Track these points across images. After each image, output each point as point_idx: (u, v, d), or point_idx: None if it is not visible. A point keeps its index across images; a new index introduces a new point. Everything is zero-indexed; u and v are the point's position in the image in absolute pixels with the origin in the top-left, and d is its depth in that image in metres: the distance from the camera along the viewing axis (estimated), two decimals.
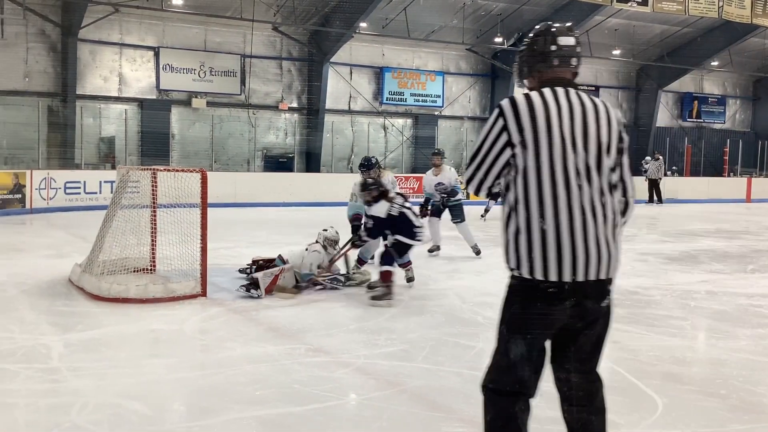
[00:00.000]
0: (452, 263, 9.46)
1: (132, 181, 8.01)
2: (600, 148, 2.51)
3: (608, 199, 2.52)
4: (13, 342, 5.11)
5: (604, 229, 2.50)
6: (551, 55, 2.63)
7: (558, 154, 2.46)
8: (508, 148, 2.51)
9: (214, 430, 3.62)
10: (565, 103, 2.51)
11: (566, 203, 2.45)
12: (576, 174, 2.46)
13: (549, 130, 2.46)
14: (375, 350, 5.16)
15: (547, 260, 2.46)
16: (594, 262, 2.47)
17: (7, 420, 3.64)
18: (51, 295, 6.84)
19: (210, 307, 6.45)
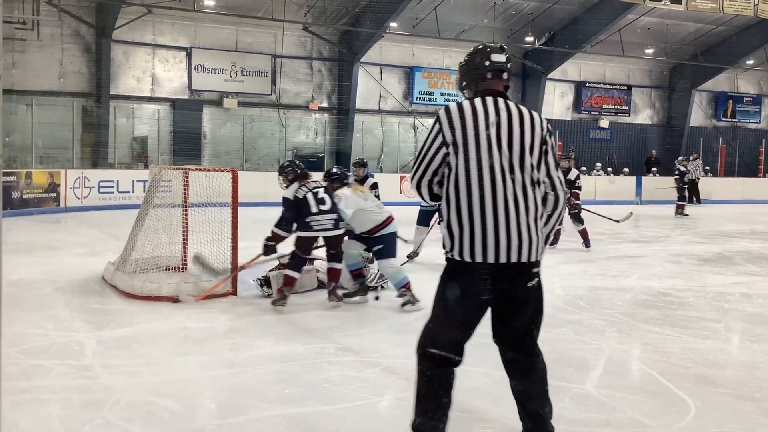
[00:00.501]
0: None
1: (164, 180, 8.11)
2: (523, 149, 2.93)
3: (530, 193, 2.93)
4: (48, 339, 5.20)
5: (525, 217, 2.90)
6: (485, 69, 3.10)
7: (484, 153, 2.89)
8: (443, 148, 2.95)
9: (244, 427, 3.64)
10: (492, 110, 2.96)
11: (491, 195, 2.87)
12: (500, 170, 2.88)
13: (476, 133, 2.90)
14: (404, 350, 5.15)
15: (474, 245, 2.87)
16: (515, 247, 2.88)
17: (41, 415, 3.70)
18: (85, 292, 6.95)
19: (240, 306, 6.50)
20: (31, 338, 5.10)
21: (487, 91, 3.06)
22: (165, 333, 5.59)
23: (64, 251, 9.84)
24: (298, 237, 6.43)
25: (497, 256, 2.87)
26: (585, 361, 4.95)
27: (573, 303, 6.90)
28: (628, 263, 9.68)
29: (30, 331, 5.26)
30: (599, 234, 12.38)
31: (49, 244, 10.51)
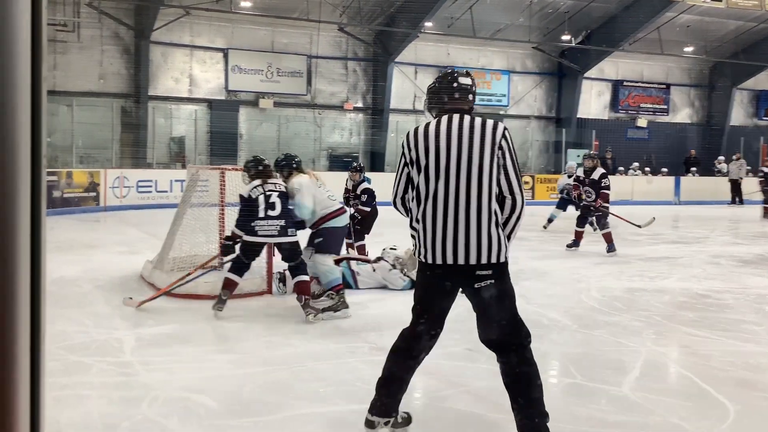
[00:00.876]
0: (516, 263, 9.34)
1: (201, 180, 8.21)
2: (471, 157, 3.13)
3: (483, 199, 3.12)
4: (88, 335, 5.30)
5: (475, 223, 3.10)
6: (454, 90, 3.35)
7: (435, 164, 3.16)
8: (405, 167, 3.31)
9: (279, 425, 3.68)
10: (445, 126, 3.20)
11: (443, 204, 3.13)
12: (447, 181, 3.13)
13: (428, 147, 3.19)
14: (438, 350, 5.12)
15: (427, 248, 3.17)
16: (462, 250, 3.10)
17: (81, 411, 3.77)
18: (124, 290, 7.06)
19: (275, 304, 6.55)
20: (72, 335, 5.20)
21: (453, 110, 3.28)
22: (201, 331, 5.66)
23: (104, 250, 10.02)
24: (243, 241, 6.07)
25: (444, 258, 3.14)
26: (622, 363, 4.89)
27: (609, 304, 6.82)
28: (666, 264, 9.54)
29: (71, 329, 5.37)
30: (637, 235, 12.22)
31: (89, 243, 10.70)
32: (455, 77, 3.41)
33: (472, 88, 3.43)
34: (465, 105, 3.35)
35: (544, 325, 5.95)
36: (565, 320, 6.15)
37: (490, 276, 3.15)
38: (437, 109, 3.36)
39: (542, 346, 5.26)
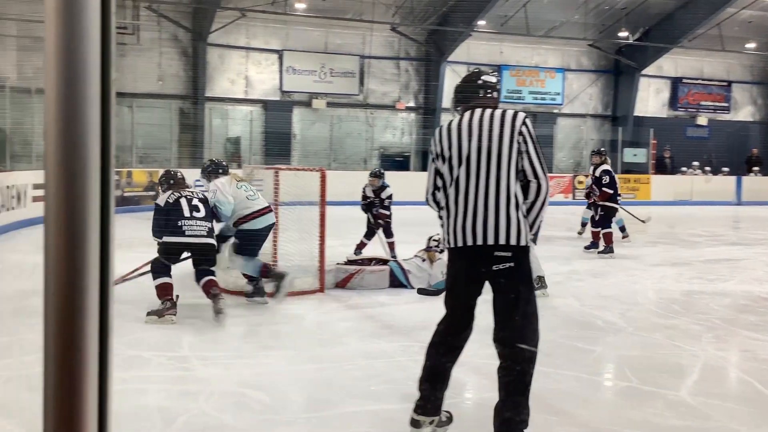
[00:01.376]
0: (569, 264, 9.24)
1: (256, 179, 8.33)
2: (491, 143, 3.23)
3: (504, 184, 3.20)
4: (147, 331, 5.44)
5: (494, 205, 3.18)
6: (479, 87, 3.50)
7: (461, 155, 3.29)
8: (434, 162, 3.43)
9: (331, 421, 3.71)
10: (467, 119, 3.35)
11: (464, 188, 3.25)
12: (469, 170, 3.25)
13: (451, 140, 3.34)
14: (490, 350, 5.10)
15: (450, 233, 3.29)
16: (480, 231, 3.18)
17: (140, 404, 3.87)
18: (181, 287, 7.20)
19: (327, 303, 6.61)
20: (132, 330, 5.35)
21: (478, 106, 3.41)
22: (256, 327, 5.75)
23: None
24: (166, 243, 6.09)
25: (464, 240, 3.22)
26: (680, 367, 4.79)
27: (667, 307, 6.68)
28: (726, 266, 9.29)
29: (131, 324, 5.52)
30: (696, 236, 11.92)
31: (148, 241, 10.94)
32: (480, 75, 3.57)
33: (497, 85, 3.59)
34: (489, 102, 3.46)
35: (599, 327, 5.86)
36: (620, 323, 6.05)
37: (509, 258, 3.17)
38: (463, 107, 3.49)
39: (597, 348, 5.20)
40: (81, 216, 0.68)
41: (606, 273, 8.61)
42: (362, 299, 6.76)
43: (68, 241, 0.69)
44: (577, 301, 6.86)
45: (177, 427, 3.57)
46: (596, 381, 4.65)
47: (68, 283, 0.69)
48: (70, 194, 0.68)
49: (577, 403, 4.03)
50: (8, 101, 13.08)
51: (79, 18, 0.67)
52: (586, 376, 4.53)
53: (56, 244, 0.68)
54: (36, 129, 14.99)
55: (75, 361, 0.71)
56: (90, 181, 0.68)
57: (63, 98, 0.67)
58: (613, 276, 8.45)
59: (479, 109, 3.38)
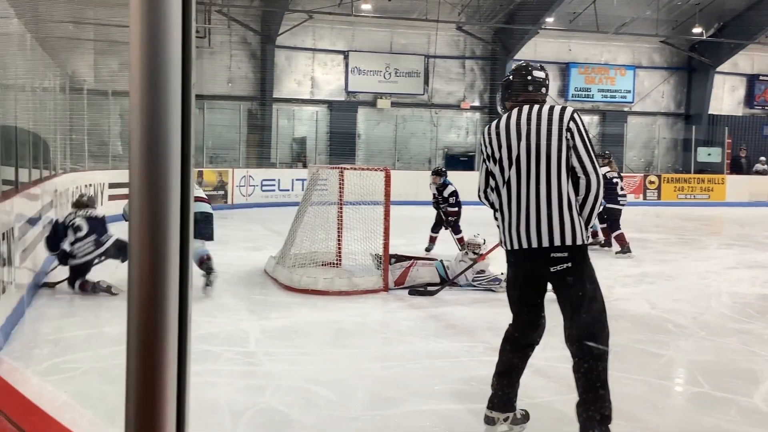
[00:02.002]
0: (640, 266, 9.03)
1: (321, 179, 8.45)
2: (540, 141, 3.19)
3: (555, 183, 3.16)
4: (216, 326, 5.58)
5: (546, 205, 3.15)
6: (528, 83, 3.45)
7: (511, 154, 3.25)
8: (484, 162, 3.42)
9: (395, 420, 3.74)
10: (515, 116, 3.30)
11: (515, 190, 3.22)
12: (519, 169, 3.22)
13: (500, 138, 3.30)
14: (555, 353, 5.05)
15: (506, 236, 3.28)
16: (534, 233, 3.16)
17: (209, 397, 3.98)
18: (249, 284, 7.39)
19: (391, 302, 6.65)
20: (202, 325, 5.49)
21: (526, 101, 3.39)
22: (321, 325, 5.83)
23: (231, 245, 10.48)
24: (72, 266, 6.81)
25: (520, 243, 3.21)
26: (753, 373, 4.63)
27: (742, 311, 6.46)
28: None
29: (201, 319, 5.67)
30: None
31: (217, 239, 11.21)
32: (529, 71, 3.49)
33: (546, 81, 3.52)
34: (537, 97, 3.43)
35: (670, 331, 5.72)
36: (692, 327, 5.89)
37: (565, 259, 3.14)
38: (510, 103, 3.45)
39: (668, 352, 5.08)
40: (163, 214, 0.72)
41: (678, 276, 8.38)
42: (425, 299, 6.77)
43: (151, 240, 0.72)
44: (648, 304, 6.70)
45: (245, 421, 3.66)
46: (666, 386, 4.54)
47: (151, 276, 0.73)
48: (152, 194, 0.71)
49: (647, 408, 3.95)
50: (86, 103, 13.58)
51: (162, 25, 0.71)
52: (655, 381, 4.43)
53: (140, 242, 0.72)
54: (112, 130, 15.53)
55: (156, 354, 0.74)
56: (171, 180, 0.72)
57: (147, 102, 0.71)
58: (685, 279, 8.22)
59: (527, 106, 3.33)
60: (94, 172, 12.74)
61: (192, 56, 0.72)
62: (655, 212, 18.47)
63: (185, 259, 0.74)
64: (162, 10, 0.71)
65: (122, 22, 16.64)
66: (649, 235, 12.38)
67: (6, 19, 5.96)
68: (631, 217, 14.88)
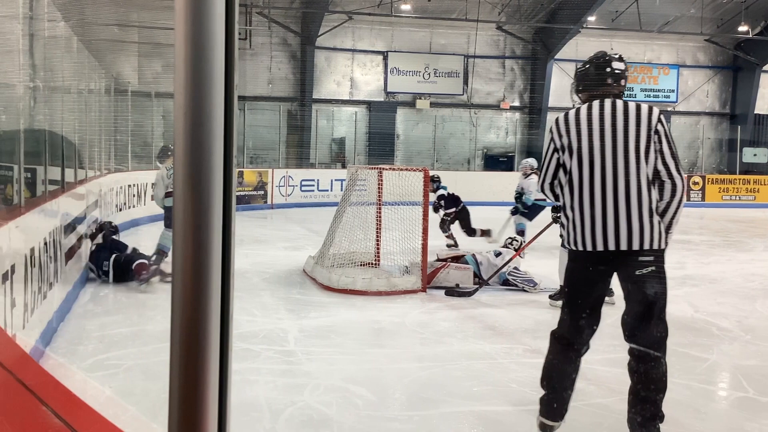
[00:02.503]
0: (683, 268, 8.87)
1: (360, 179, 8.48)
2: (628, 141, 3.11)
3: (638, 185, 3.08)
4: (256, 324, 5.63)
5: (637, 208, 3.07)
6: (607, 75, 3.30)
7: (589, 150, 3.14)
8: (556, 153, 3.28)
9: (433, 421, 3.73)
10: (598, 111, 3.19)
11: (600, 190, 3.11)
12: (605, 167, 3.11)
13: (580, 133, 3.18)
14: (595, 355, 4.99)
15: (585, 236, 3.14)
16: (624, 236, 3.07)
17: (249, 395, 4.03)
18: (288, 284, 7.44)
19: (429, 303, 6.64)
20: (242, 324, 5.55)
21: (604, 95, 3.28)
22: (359, 325, 5.85)
23: (270, 245, 10.59)
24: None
25: (605, 245, 3.10)
26: None
27: None
28: None
29: (241, 318, 5.73)
30: None
31: (257, 238, 11.35)
32: (608, 61, 3.35)
33: (625, 73, 3.37)
34: (616, 90, 3.30)
35: (714, 334, 5.61)
36: (736, 330, 5.76)
37: (651, 262, 3.12)
38: (586, 94, 3.34)
39: (711, 356, 4.98)
40: (206, 214, 0.73)
41: (722, 278, 8.21)
42: (463, 300, 6.74)
43: (194, 239, 0.73)
44: (691, 307, 6.58)
45: (284, 419, 3.69)
46: (710, 390, 4.46)
47: (193, 275, 0.74)
48: (196, 194, 0.73)
49: (689, 412, 3.88)
50: (130, 105, 13.83)
51: (206, 27, 0.72)
52: (698, 386, 4.35)
53: (183, 241, 0.73)
54: (155, 131, 15.79)
55: (198, 352, 0.76)
56: (214, 180, 0.73)
57: (191, 103, 0.72)
58: (729, 281, 8.05)
59: (608, 100, 3.21)
60: (138, 173, 12.98)
61: (235, 58, 0.74)
62: (699, 214, 18.12)
63: (227, 259, 0.75)
64: (206, 12, 0.72)
65: (165, 24, 16.92)
66: (693, 237, 12.15)
67: (53, 23, 6.11)
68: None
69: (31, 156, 5.33)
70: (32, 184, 5.72)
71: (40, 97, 5.79)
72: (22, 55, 4.34)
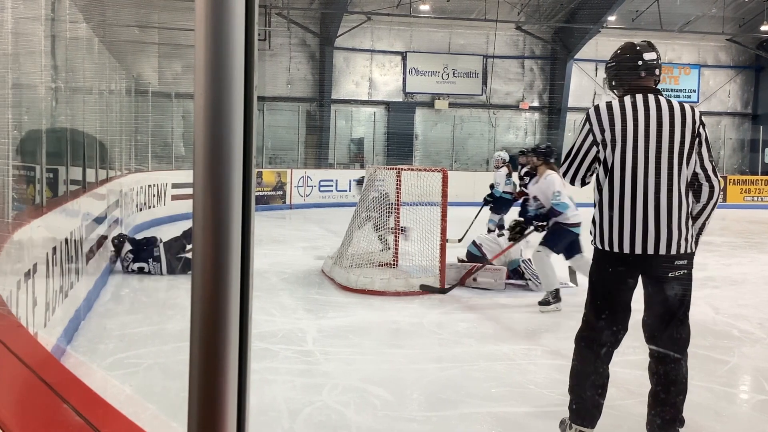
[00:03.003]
0: (704, 270, 8.78)
1: (378, 179, 8.48)
2: (672, 144, 3.03)
3: (676, 187, 3.02)
4: (274, 324, 5.65)
5: (677, 211, 3.02)
6: (639, 68, 3.20)
7: (633, 148, 3.04)
8: (593, 147, 3.14)
9: (451, 421, 3.72)
10: (642, 107, 3.07)
11: (642, 190, 3.02)
12: (646, 166, 3.02)
13: (626, 130, 3.05)
14: (615, 357, 4.96)
15: (621, 236, 3.06)
16: (664, 239, 3.01)
17: (267, 394, 4.04)
18: (306, 284, 7.46)
19: (447, 303, 6.62)
20: (261, 324, 5.58)
21: (639, 89, 3.17)
22: (377, 325, 5.85)
23: (289, 245, 10.62)
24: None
25: (645, 248, 3.04)
26: None
27: None
28: None
29: (260, 317, 5.76)
30: None
31: (276, 239, 11.39)
32: (639, 53, 3.24)
33: (658, 62, 3.26)
34: (651, 82, 3.21)
35: (735, 337, 5.55)
36: (758, 333, 5.70)
37: (684, 266, 3.10)
38: (621, 90, 3.24)
39: (732, 359, 4.93)
40: (225, 214, 0.74)
41: (744, 280, 8.12)
42: (482, 300, 6.72)
43: (213, 239, 0.74)
44: (713, 309, 6.51)
45: (302, 418, 3.70)
46: (731, 393, 4.41)
47: (213, 275, 0.75)
48: (215, 194, 0.73)
49: (710, 415, 3.84)
50: (150, 105, 13.93)
51: (226, 28, 0.72)
52: (719, 388, 4.30)
53: (203, 242, 0.74)
54: (175, 132, 15.90)
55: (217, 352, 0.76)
56: (233, 181, 0.73)
57: (211, 104, 0.73)
58: (751, 283, 7.96)
59: (651, 96, 3.11)
60: (158, 173, 13.07)
61: (254, 59, 0.74)
62: (720, 215, 17.90)
63: (246, 259, 0.76)
64: (226, 13, 0.72)
65: (185, 25, 17.03)
66: (714, 238, 12.03)
67: (75, 24, 6.17)
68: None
69: (53, 156, 5.38)
70: (54, 184, 5.78)
71: (62, 97, 5.85)
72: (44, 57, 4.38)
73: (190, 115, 15.56)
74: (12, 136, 3.59)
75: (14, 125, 3.72)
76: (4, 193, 3.61)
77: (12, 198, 3.74)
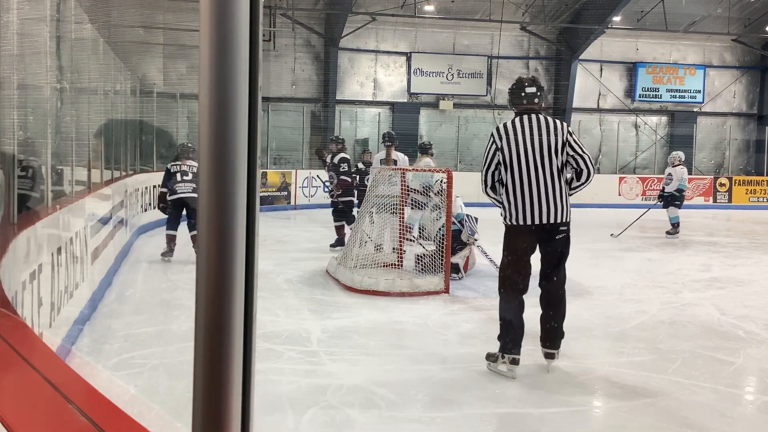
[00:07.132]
0: (709, 271, 8.76)
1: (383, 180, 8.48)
2: (549, 148, 4.42)
3: (556, 176, 4.41)
4: (279, 325, 5.66)
5: (552, 193, 4.39)
6: (523, 97, 4.61)
7: (521, 153, 4.42)
8: (497, 153, 4.51)
9: (456, 422, 3.72)
10: (527, 124, 4.50)
11: (527, 180, 4.39)
12: (532, 163, 4.40)
13: (516, 140, 4.45)
14: (620, 358, 4.96)
15: (517, 213, 4.42)
16: (545, 212, 4.38)
17: (272, 395, 4.04)
18: (311, 284, 7.47)
19: (452, 304, 6.62)
20: (266, 324, 5.58)
21: (526, 110, 4.56)
22: (381, 326, 5.85)
23: (294, 246, 10.63)
24: (170, 200, 8.55)
25: (540, 219, 4.37)
26: None
27: None
28: None
29: (265, 318, 5.76)
30: None
31: (280, 239, 11.41)
32: (523, 87, 4.59)
33: (537, 93, 4.60)
34: (534, 105, 4.58)
35: (741, 338, 5.53)
36: (764, 334, 5.68)
37: (565, 231, 4.48)
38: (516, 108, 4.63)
39: (738, 360, 4.91)
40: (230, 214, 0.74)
41: (749, 281, 8.09)
42: (486, 301, 6.71)
43: (218, 239, 0.74)
44: (718, 310, 6.49)
45: (307, 419, 3.70)
46: (736, 394, 4.40)
47: (217, 275, 0.75)
48: (220, 194, 0.73)
49: (715, 416, 3.83)
50: (155, 106, 13.96)
51: (230, 29, 0.72)
52: (725, 389, 4.29)
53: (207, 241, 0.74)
54: (180, 132, 15.93)
55: (222, 352, 0.76)
56: (238, 181, 0.74)
57: (216, 104, 0.73)
58: (756, 284, 7.94)
59: (533, 115, 4.54)
60: (163, 173, 13.07)
61: (259, 59, 0.74)
62: (725, 215, 17.91)
63: (251, 259, 0.76)
64: (230, 14, 0.72)
65: (190, 26, 17.05)
66: (719, 238, 12.00)
67: (80, 25, 6.18)
68: (700, 220, 14.46)
69: (58, 156, 5.40)
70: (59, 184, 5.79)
71: (67, 98, 5.86)
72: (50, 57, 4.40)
73: (195, 116, 15.59)
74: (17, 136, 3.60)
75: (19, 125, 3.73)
76: (9, 194, 3.62)
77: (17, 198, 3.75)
